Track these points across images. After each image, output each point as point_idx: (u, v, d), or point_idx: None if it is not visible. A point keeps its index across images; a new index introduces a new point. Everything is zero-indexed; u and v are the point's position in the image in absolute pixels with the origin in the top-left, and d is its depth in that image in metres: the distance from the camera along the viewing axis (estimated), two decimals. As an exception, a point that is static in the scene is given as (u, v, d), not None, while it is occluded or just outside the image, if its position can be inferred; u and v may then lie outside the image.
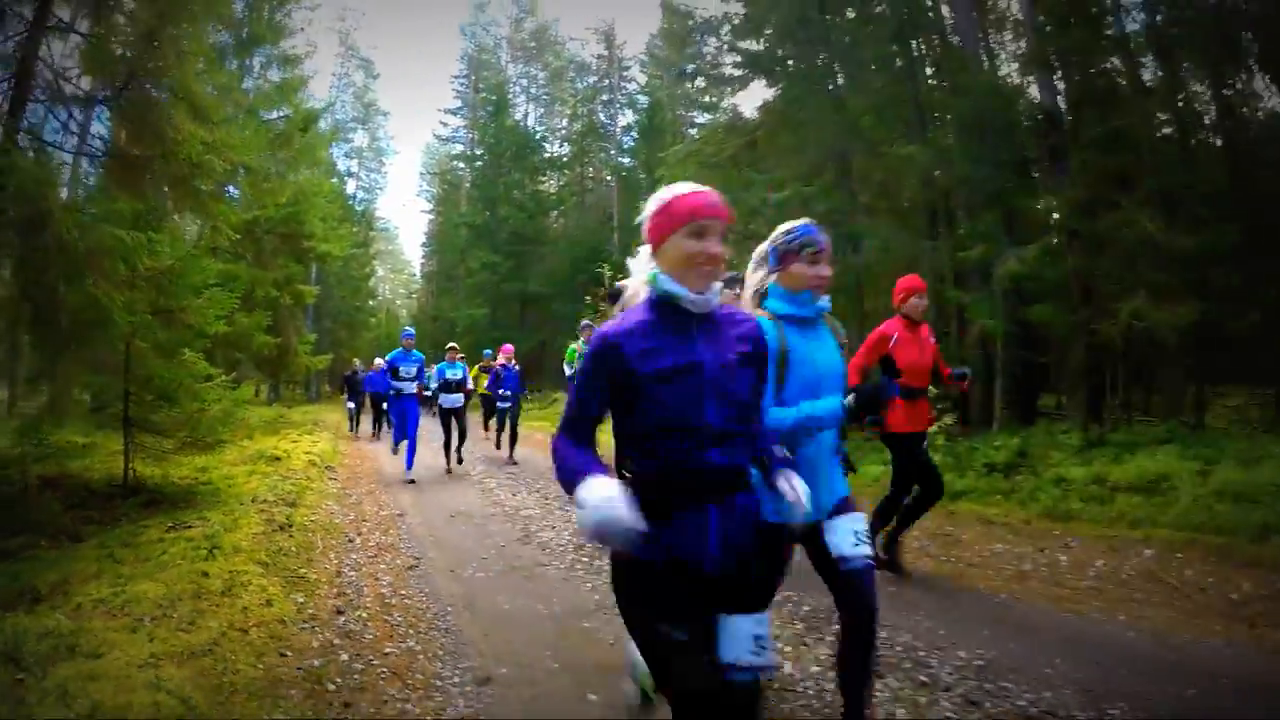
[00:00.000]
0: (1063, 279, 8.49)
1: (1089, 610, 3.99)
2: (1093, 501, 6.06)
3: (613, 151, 32.33)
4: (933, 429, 9.08)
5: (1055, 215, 8.82)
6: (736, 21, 12.33)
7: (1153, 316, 7.60)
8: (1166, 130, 9.87)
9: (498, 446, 11.39)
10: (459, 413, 9.90)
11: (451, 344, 10.57)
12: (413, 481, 8.91)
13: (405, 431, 9.50)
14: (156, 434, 6.42)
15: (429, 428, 10.69)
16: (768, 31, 11.75)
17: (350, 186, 34.98)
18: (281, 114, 16.92)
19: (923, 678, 3.09)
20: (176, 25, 5.64)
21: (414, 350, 10.05)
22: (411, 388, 9.65)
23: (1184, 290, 7.80)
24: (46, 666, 2.90)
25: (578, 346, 10.08)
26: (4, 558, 4.54)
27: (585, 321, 10.47)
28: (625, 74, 33.34)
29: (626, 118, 32.88)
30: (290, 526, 5.78)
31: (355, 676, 3.19)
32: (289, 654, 3.34)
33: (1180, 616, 3.87)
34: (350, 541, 5.82)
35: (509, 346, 11.31)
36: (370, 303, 37.12)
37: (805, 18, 11.22)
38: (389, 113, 52.41)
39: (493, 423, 12.08)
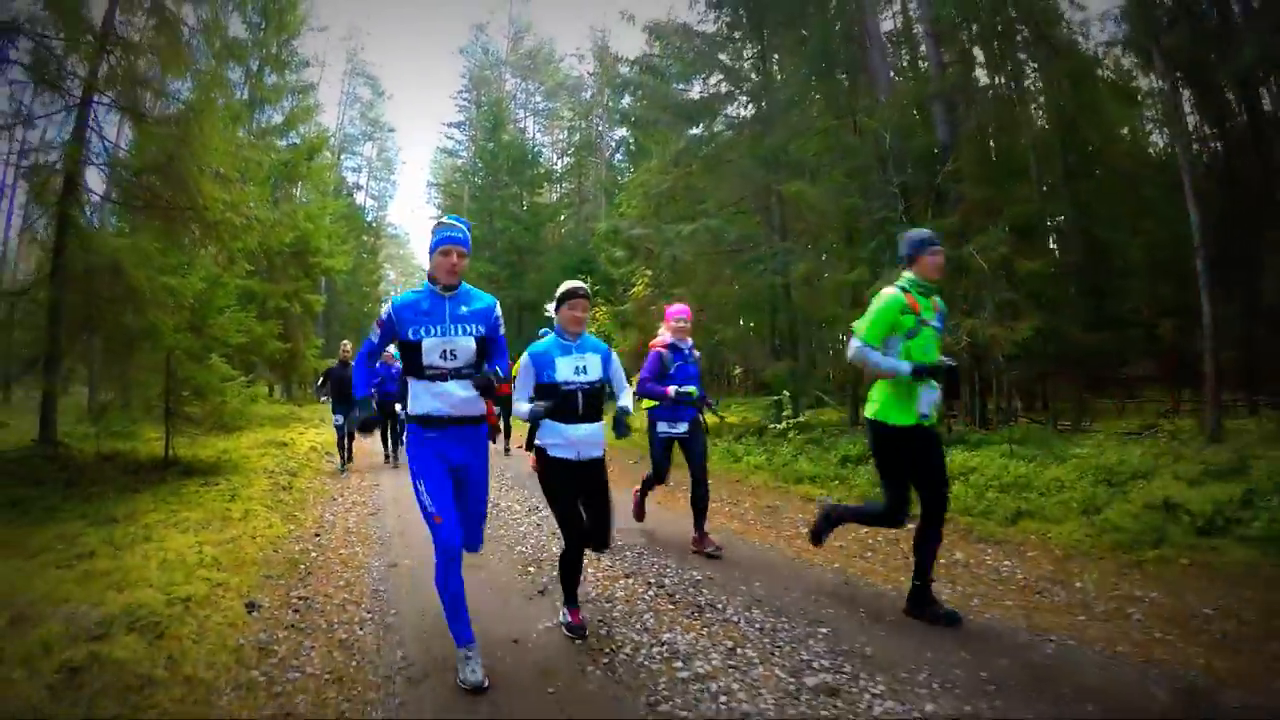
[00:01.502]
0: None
1: (830, 562, 5.07)
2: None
3: (601, 167, 34.22)
4: (773, 423, 10.88)
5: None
6: (669, 71, 14.20)
7: (986, 333, 9.17)
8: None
9: (639, 515, 6.20)
10: (597, 473, 3.84)
11: (574, 283, 3.95)
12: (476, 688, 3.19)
13: (467, 521, 3.63)
14: (190, 422, 8.49)
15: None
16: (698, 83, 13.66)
17: (359, 197, 37.27)
18: (290, 141, 19.10)
19: (651, 582, 4.66)
20: (205, 119, 7.69)
21: (470, 291, 3.54)
22: (471, 401, 3.45)
23: (1029, 307, 9.54)
24: (132, 546, 4.94)
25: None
26: (89, 500, 6.61)
27: None
28: (618, 89, 35.18)
29: (619, 134, 34.89)
30: (290, 488, 7.89)
31: (319, 561, 5.23)
32: (279, 551, 5.38)
33: (884, 570, 4.82)
34: (334, 500, 7.86)
35: (683, 308, 5.79)
36: (380, 307, 39.27)
37: (733, 70, 13.15)
38: (395, 129, 54.38)
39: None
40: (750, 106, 13.13)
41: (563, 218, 35.33)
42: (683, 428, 5.55)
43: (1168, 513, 5.14)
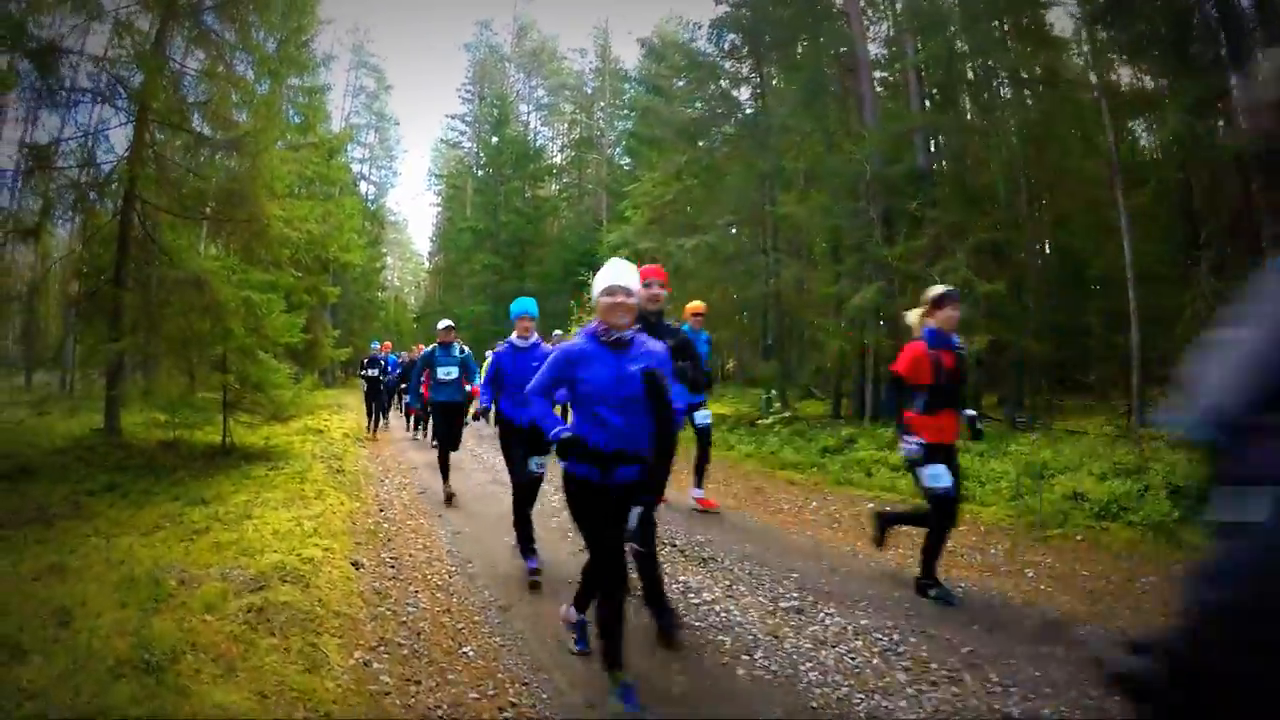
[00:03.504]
0: (892, 313, 11.44)
1: (800, 529, 6.41)
2: (863, 474, 8.49)
3: (602, 163, 35.11)
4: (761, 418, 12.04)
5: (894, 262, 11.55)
6: (664, 97, 15.22)
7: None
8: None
9: None
10: None
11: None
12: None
13: None
14: (248, 412, 9.55)
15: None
16: (696, 105, 14.68)
17: (362, 187, 38.08)
18: (307, 141, 20.00)
19: (666, 543, 5.99)
20: (267, 149, 8.71)
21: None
22: None
23: (984, 323, 10.59)
24: (238, 522, 6.02)
25: None
26: (176, 484, 7.68)
27: None
28: (620, 111, 36.04)
29: (618, 130, 35.75)
30: (342, 472, 8.97)
31: (392, 531, 6.34)
32: (357, 524, 6.49)
33: (829, 532, 6.26)
34: (382, 482, 8.96)
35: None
36: (379, 294, 40.30)
37: (729, 94, 14.20)
38: (399, 122, 54.77)
39: None
40: (746, 127, 14.11)
41: (562, 208, 36.28)
42: None
43: (1075, 500, 6.32)
